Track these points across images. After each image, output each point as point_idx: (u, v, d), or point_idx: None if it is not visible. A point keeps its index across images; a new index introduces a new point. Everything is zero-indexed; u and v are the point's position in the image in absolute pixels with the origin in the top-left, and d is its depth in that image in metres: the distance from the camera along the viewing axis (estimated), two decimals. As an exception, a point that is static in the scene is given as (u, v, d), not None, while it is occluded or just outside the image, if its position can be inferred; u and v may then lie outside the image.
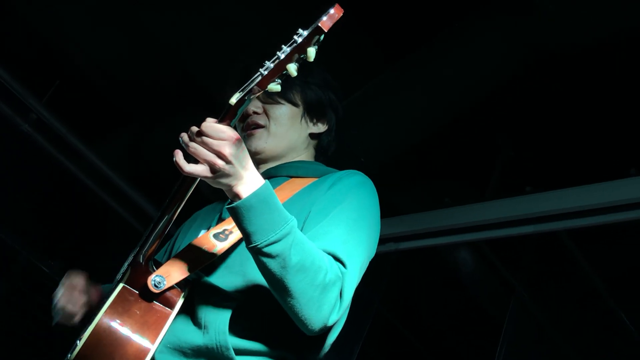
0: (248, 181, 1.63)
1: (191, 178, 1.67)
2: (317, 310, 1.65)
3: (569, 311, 4.43)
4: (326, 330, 1.72)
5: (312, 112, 2.18)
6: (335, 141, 2.26)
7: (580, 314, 4.40)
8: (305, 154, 2.18)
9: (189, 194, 1.70)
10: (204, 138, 1.59)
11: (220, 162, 1.59)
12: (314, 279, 1.63)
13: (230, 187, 1.63)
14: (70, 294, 1.96)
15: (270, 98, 2.11)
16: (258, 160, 2.13)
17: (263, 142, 2.10)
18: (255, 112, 2.12)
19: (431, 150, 4.20)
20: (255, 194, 1.61)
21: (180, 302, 1.77)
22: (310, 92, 2.17)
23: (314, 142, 2.22)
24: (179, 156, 1.62)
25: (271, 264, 1.61)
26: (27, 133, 4.42)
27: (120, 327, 1.68)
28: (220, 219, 2.02)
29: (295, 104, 2.15)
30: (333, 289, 1.67)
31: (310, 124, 2.18)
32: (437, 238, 4.31)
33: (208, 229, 1.95)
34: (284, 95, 2.11)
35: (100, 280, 2.24)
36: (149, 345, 1.68)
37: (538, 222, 3.88)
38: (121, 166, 4.78)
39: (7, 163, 4.60)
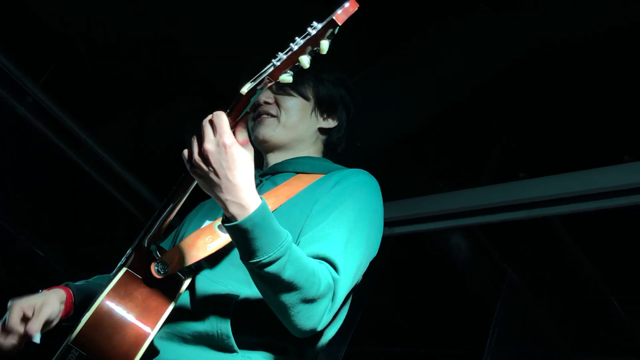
0: (243, 201, 1.58)
1: None
2: (307, 319, 1.67)
3: (561, 297, 4.46)
4: (316, 333, 1.75)
5: (322, 107, 2.18)
6: (345, 138, 2.25)
7: (572, 299, 4.43)
8: (313, 149, 2.19)
9: (195, 183, 1.69)
10: (203, 126, 1.59)
11: (196, 155, 1.58)
12: (307, 295, 1.64)
13: (223, 204, 1.60)
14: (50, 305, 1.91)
15: (281, 90, 2.12)
16: (264, 148, 2.15)
17: (271, 130, 2.11)
18: (266, 102, 2.13)
19: (426, 135, 4.21)
20: (249, 218, 1.58)
21: (182, 289, 1.80)
22: (322, 87, 2.17)
23: (323, 137, 2.21)
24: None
25: (264, 280, 1.63)
26: (23, 116, 4.39)
27: (121, 310, 1.70)
28: None
29: (306, 98, 2.15)
30: (324, 300, 1.68)
31: (320, 119, 2.18)
32: (431, 223, 4.33)
33: (213, 219, 1.95)
34: (296, 88, 2.12)
35: (98, 264, 2.26)
36: (149, 330, 1.70)
37: (531, 207, 3.91)
38: (118, 150, 4.77)
39: (3, 146, 4.58)
